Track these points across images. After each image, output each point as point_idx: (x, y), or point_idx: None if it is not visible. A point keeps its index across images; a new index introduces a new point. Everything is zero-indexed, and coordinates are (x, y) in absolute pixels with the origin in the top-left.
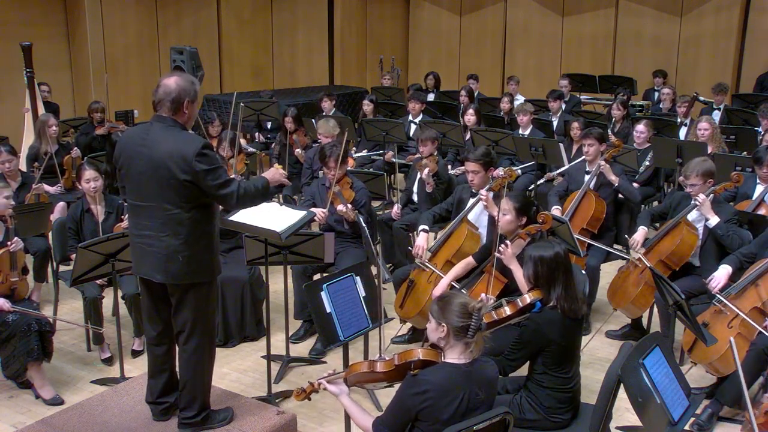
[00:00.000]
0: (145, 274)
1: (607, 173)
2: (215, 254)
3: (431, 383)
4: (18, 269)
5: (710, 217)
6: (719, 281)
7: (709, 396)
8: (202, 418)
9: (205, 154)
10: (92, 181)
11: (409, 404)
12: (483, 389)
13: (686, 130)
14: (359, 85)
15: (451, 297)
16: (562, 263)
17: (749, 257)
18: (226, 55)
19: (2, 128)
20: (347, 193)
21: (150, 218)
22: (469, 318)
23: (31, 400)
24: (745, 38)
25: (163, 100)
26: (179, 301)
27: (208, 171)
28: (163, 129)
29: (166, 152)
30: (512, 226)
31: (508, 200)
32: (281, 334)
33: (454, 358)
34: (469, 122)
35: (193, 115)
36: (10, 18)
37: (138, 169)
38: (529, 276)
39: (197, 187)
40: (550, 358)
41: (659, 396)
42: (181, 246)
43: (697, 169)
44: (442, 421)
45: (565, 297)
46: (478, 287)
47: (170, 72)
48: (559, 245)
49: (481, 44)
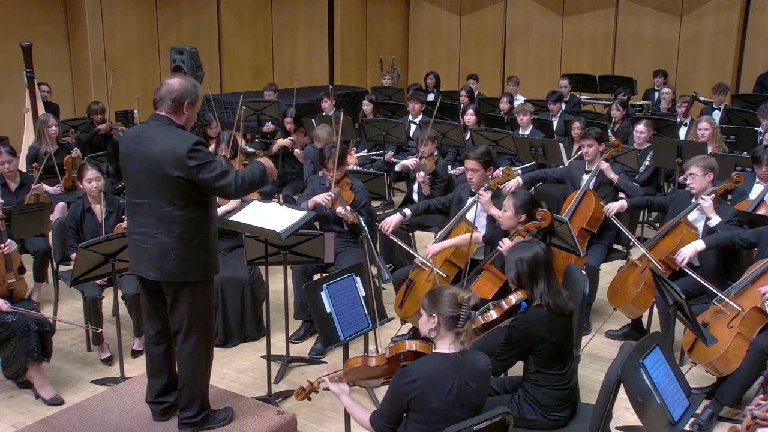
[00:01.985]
0: (140, 271)
1: (608, 172)
2: (211, 254)
3: (419, 372)
4: (14, 270)
5: (712, 216)
6: (684, 255)
7: (709, 396)
8: (202, 418)
9: (198, 149)
10: (94, 180)
11: (400, 394)
12: (474, 380)
13: (686, 130)
14: (359, 85)
15: (442, 289)
16: (542, 261)
17: (745, 241)
18: (226, 55)
19: (2, 128)
20: (347, 194)
21: (145, 215)
22: (459, 308)
23: (31, 400)
24: (745, 38)
25: (164, 98)
26: (174, 299)
27: (202, 165)
28: (158, 127)
29: (159, 150)
30: (512, 222)
31: (510, 197)
32: (281, 334)
33: (444, 348)
34: (469, 122)
35: (192, 117)
36: (10, 18)
37: (134, 166)
38: (512, 278)
39: (191, 185)
40: (542, 356)
41: (659, 396)
42: (174, 243)
43: (698, 160)
44: (432, 409)
45: (549, 293)
46: (478, 284)
47: (174, 73)
48: (538, 244)
49: (481, 44)
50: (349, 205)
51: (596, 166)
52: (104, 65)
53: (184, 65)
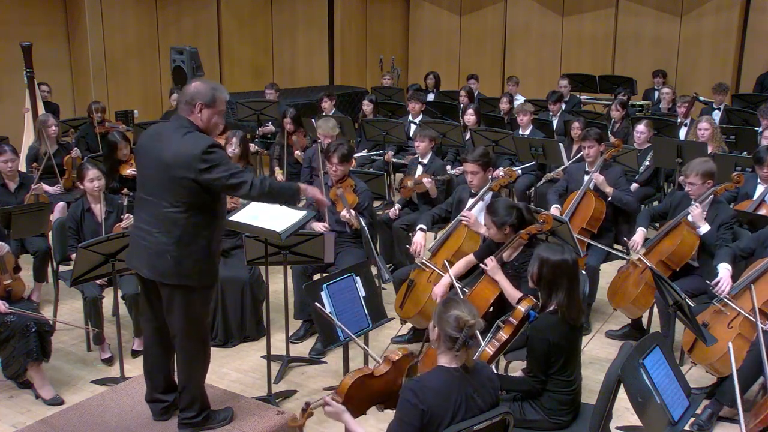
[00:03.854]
0: (135, 267)
1: (602, 186)
2: (209, 261)
3: (427, 385)
4: (9, 271)
5: (701, 225)
6: (726, 283)
7: (709, 396)
8: (202, 418)
9: (212, 151)
10: (96, 180)
11: (410, 408)
12: (479, 393)
13: (686, 130)
14: (359, 85)
15: (452, 305)
16: (567, 271)
17: (745, 251)
18: (226, 55)
19: (2, 128)
20: (350, 197)
21: (149, 212)
22: (460, 332)
23: (31, 400)
24: (745, 38)
25: (180, 100)
26: (168, 301)
27: (216, 165)
28: (176, 128)
29: (173, 150)
30: (499, 236)
31: (487, 214)
32: (281, 334)
33: (445, 363)
34: (469, 122)
35: (210, 121)
36: (10, 18)
37: (146, 162)
38: (533, 274)
39: (200, 187)
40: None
41: (659, 396)
42: (172, 245)
43: (697, 168)
44: (442, 423)
45: (567, 305)
46: (479, 287)
47: (200, 78)
48: (569, 253)
49: (481, 44)
50: (353, 208)
51: (596, 167)
52: (104, 65)
53: (184, 65)
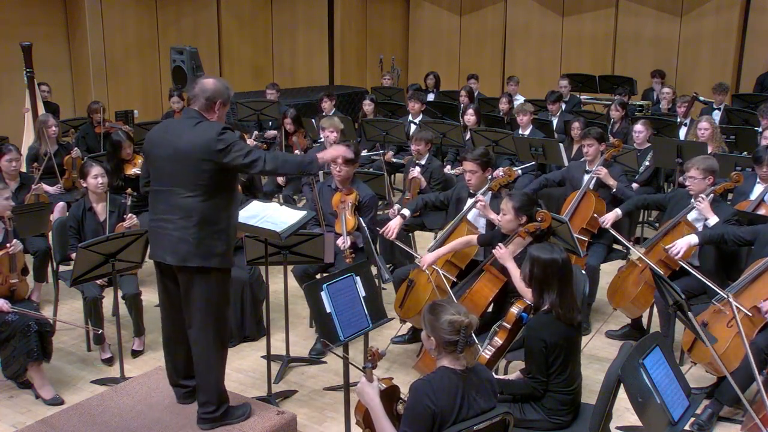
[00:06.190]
0: (159, 256)
1: (605, 178)
2: (228, 245)
3: (437, 386)
4: (17, 270)
5: (710, 216)
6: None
7: (709, 396)
8: (221, 414)
9: (225, 132)
10: (99, 177)
11: (423, 409)
12: (479, 394)
13: (686, 130)
14: (359, 85)
15: (440, 311)
16: (558, 270)
17: (739, 240)
18: (226, 55)
19: (2, 128)
20: (351, 221)
21: (167, 202)
22: (458, 334)
23: (31, 400)
24: (745, 38)
25: (198, 96)
26: (187, 287)
27: (231, 145)
28: (186, 119)
29: (188, 138)
30: (512, 225)
31: (508, 200)
32: (281, 334)
33: (448, 364)
34: (469, 122)
35: (222, 117)
36: (10, 18)
37: (160, 154)
38: (525, 274)
39: (219, 171)
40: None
41: (659, 396)
42: (193, 228)
43: (698, 163)
44: (448, 420)
45: (560, 304)
46: (478, 285)
47: (209, 75)
48: (559, 252)
49: (481, 44)
50: (356, 210)
51: (596, 167)
52: (104, 65)
53: (184, 65)
